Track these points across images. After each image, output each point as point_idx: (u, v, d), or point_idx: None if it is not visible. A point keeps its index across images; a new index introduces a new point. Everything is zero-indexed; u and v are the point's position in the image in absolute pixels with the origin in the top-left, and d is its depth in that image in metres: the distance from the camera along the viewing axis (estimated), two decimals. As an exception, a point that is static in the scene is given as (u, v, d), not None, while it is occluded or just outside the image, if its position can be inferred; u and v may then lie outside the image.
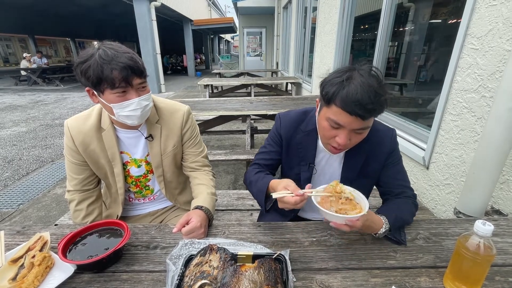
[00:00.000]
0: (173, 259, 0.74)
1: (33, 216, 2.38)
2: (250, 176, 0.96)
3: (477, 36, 1.27)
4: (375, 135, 0.89)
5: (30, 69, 10.19)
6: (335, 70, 0.79)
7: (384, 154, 0.92)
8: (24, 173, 3.19)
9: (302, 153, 0.95)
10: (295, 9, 6.39)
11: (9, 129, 4.84)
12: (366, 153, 0.91)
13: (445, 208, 1.52)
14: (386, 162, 0.93)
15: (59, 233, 0.88)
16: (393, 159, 0.93)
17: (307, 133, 0.94)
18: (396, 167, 0.94)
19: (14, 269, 0.68)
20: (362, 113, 0.71)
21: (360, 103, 0.70)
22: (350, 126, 0.75)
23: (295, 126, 0.96)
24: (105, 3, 10.76)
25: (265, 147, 1.04)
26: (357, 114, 0.71)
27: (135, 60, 0.86)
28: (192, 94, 8.66)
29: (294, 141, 0.96)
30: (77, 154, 1.01)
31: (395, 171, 0.94)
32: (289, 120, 0.98)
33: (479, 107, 1.27)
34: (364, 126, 0.76)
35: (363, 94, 0.69)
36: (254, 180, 0.93)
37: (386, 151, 0.92)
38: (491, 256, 0.59)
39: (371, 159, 0.92)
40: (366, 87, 0.70)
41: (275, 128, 1.01)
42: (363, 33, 3.65)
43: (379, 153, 0.92)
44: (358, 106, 0.70)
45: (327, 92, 0.76)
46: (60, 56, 23.55)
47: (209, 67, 19.11)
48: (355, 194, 0.77)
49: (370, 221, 0.76)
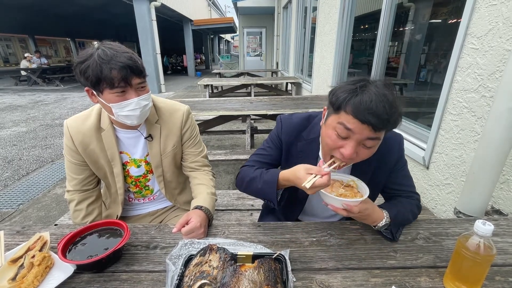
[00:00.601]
0: (173, 259, 0.74)
1: (33, 216, 2.38)
2: (249, 173, 0.89)
3: (477, 36, 1.27)
4: (383, 144, 0.79)
5: (30, 69, 10.19)
6: (347, 81, 0.74)
7: (392, 162, 0.89)
8: (24, 173, 3.19)
9: (303, 161, 0.85)
10: (295, 9, 6.39)
11: (9, 129, 4.84)
12: (374, 164, 0.87)
13: (445, 208, 1.52)
14: (393, 168, 0.90)
15: (59, 233, 0.88)
16: (399, 165, 0.90)
17: (309, 141, 0.89)
18: (402, 172, 0.91)
19: (14, 269, 0.68)
20: (374, 122, 0.65)
21: (374, 112, 0.65)
22: (360, 135, 0.69)
23: (297, 132, 0.92)
24: (105, 3, 10.76)
25: (264, 149, 0.98)
26: (370, 123, 0.66)
27: (134, 59, 0.86)
28: (192, 94, 8.66)
29: (295, 148, 0.92)
30: (76, 154, 1.01)
31: (401, 177, 0.92)
32: (291, 125, 0.93)
33: (479, 106, 1.27)
34: (374, 137, 0.70)
35: (378, 103, 0.65)
36: (257, 175, 0.86)
37: (394, 158, 0.89)
38: (491, 256, 0.59)
39: (379, 170, 0.88)
40: (381, 97, 0.66)
41: (276, 131, 0.96)
42: (363, 33, 3.65)
43: (388, 162, 0.88)
44: (371, 115, 0.65)
45: (337, 98, 0.70)
46: (60, 56, 23.55)
47: (209, 67, 19.11)
48: (358, 183, 0.79)
49: (371, 210, 0.75)
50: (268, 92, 7.30)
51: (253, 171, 0.90)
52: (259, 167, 0.93)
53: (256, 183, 0.86)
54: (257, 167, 0.93)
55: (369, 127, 0.67)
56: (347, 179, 0.82)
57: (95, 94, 0.89)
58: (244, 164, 0.98)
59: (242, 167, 0.97)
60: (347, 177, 0.83)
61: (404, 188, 0.92)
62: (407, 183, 0.92)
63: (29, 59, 10.39)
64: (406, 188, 0.92)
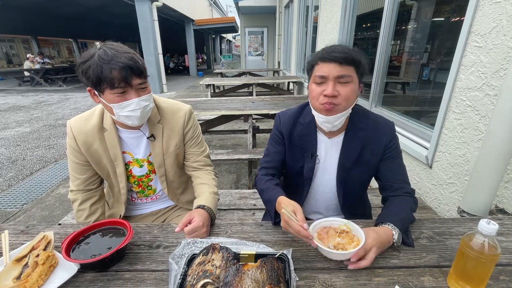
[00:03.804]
0: (175, 258, 0.74)
1: (36, 216, 2.40)
2: (261, 184, 0.99)
3: (481, 34, 1.26)
4: (373, 125, 0.94)
5: (33, 70, 10.25)
6: None
7: (382, 145, 0.94)
8: (28, 173, 3.21)
9: (304, 144, 0.98)
10: (296, 8, 6.38)
11: (13, 130, 4.88)
12: (362, 141, 0.94)
13: (448, 207, 1.51)
14: (385, 155, 0.95)
15: (62, 232, 0.89)
16: (392, 153, 0.95)
17: (306, 124, 0.98)
18: (396, 161, 0.96)
19: (19, 268, 0.69)
20: (337, 56, 0.80)
21: (335, 50, 0.82)
22: (332, 74, 0.81)
23: (294, 120, 1.01)
24: (107, 4, 10.82)
25: (268, 150, 1.06)
26: (334, 59, 0.80)
27: (135, 60, 0.85)
28: (194, 94, 8.68)
29: (295, 134, 1.00)
30: (79, 154, 1.01)
31: (395, 166, 0.96)
32: (288, 116, 1.03)
33: (483, 105, 1.26)
34: (345, 74, 0.81)
35: (337, 46, 0.83)
36: (265, 189, 0.96)
37: (383, 142, 0.94)
38: (495, 255, 0.59)
39: (367, 148, 0.94)
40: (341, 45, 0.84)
41: (276, 127, 1.05)
42: (365, 32, 3.63)
43: (376, 142, 0.94)
44: (333, 52, 0.81)
45: (309, 61, 0.88)
46: (62, 57, 23.66)
47: (211, 66, 19.13)
48: (350, 225, 0.79)
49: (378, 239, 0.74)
50: (270, 91, 7.30)
51: (264, 182, 0.98)
52: (268, 177, 0.99)
53: (263, 196, 0.97)
54: (267, 178, 0.99)
55: (335, 63, 0.81)
56: (338, 223, 0.81)
57: (96, 94, 0.89)
58: (259, 167, 1.07)
59: (259, 170, 1.06)
60: (338, 221, 0.82)
61: (398, 177, 0.94)
62: (401, 173, 0.96)
63: (31, 60, 10.45)
64: (400, 178, 0.94)
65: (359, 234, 0.76)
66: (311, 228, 0.80)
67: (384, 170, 0.96)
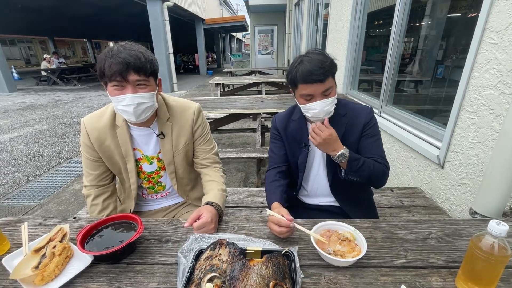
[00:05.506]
0: (184, 252, 0.76)
1: (53, 210, 2.50)
2: (267, 183, 1.13)
3: (497, 30, 1.22)
4: (353, 111, 1.07)
5: (50, 70, 10.60)
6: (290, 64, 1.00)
7: (360, 125, 1.05)
8: (45, 169, 3.34)
9: (298, 136, 1.12)
10: (306, 6, 6.32)
11: (31, 127, 5.08)
12: (345, 126, 1.06)
13: (460, 209, 1.47)
14: (363, 133, 1.05)
15: (77, 225, 0.93)
16: (369, 132, 1.05)
17: (297, 120, 1.12)
18: (373, 138, 1.06)
19: (37, 258, 0.73)
20: (317, 78, 0.91)
21: (311, 72, 0.91)
22: (317, 92, 0.94)
23: (287, 118, 1.16)
24: (119, 4, 11.03)
25: (271, 149, 1.20)
26: (315, 80, 0.91)
27: (137, 57, 0.87)
28: (204, 92, 8.75)
29: (289, 129, 1.14)
30: (92, 150, 1.05)
31: (371, 142, 1.05)
32: (282, 116, 1.18)
33: (497, 104, 1.22)
34: (329, 87, 0.94)
35: (312, 66, 0.91)
36: (268, 189, 1.10)
37: (362, 122, 1.05)
38: (505, 257, 0.58)
39: (349, 132, 1.06)
40: (313, 61, 0.92)
41: (273, 127, 1.19)
42: (376, 29, 3.56)
43: (357, 125, 1.06)
44: (313, 75, 0.91)
45: (290, 79, 0.98)
46: (77, 57, 24.36)
47: (221, 65, 19.20)
48: (356, 234, 0.79)
49: (334, 139, 0.94)
50: (279, 90, 7.26)
51: (269, 182, 1.11)
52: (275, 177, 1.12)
53: (266, 196, 1.11)
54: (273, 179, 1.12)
55: (318, 83, 0.92)
56: (344, 229, 0.81)
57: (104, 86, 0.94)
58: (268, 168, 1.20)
59: (267, 167, 1.20)
60: (345, 227, 0.82)
61: (374, 151, 1.04)
62: (379, 148, 1.06)
63: (48, 60, 10.81)
64: (376, 152, 1.04)
65: (362, 244, 0.75)
66: (316, 228, 0.81)
67: (361, 146, 1.06)
